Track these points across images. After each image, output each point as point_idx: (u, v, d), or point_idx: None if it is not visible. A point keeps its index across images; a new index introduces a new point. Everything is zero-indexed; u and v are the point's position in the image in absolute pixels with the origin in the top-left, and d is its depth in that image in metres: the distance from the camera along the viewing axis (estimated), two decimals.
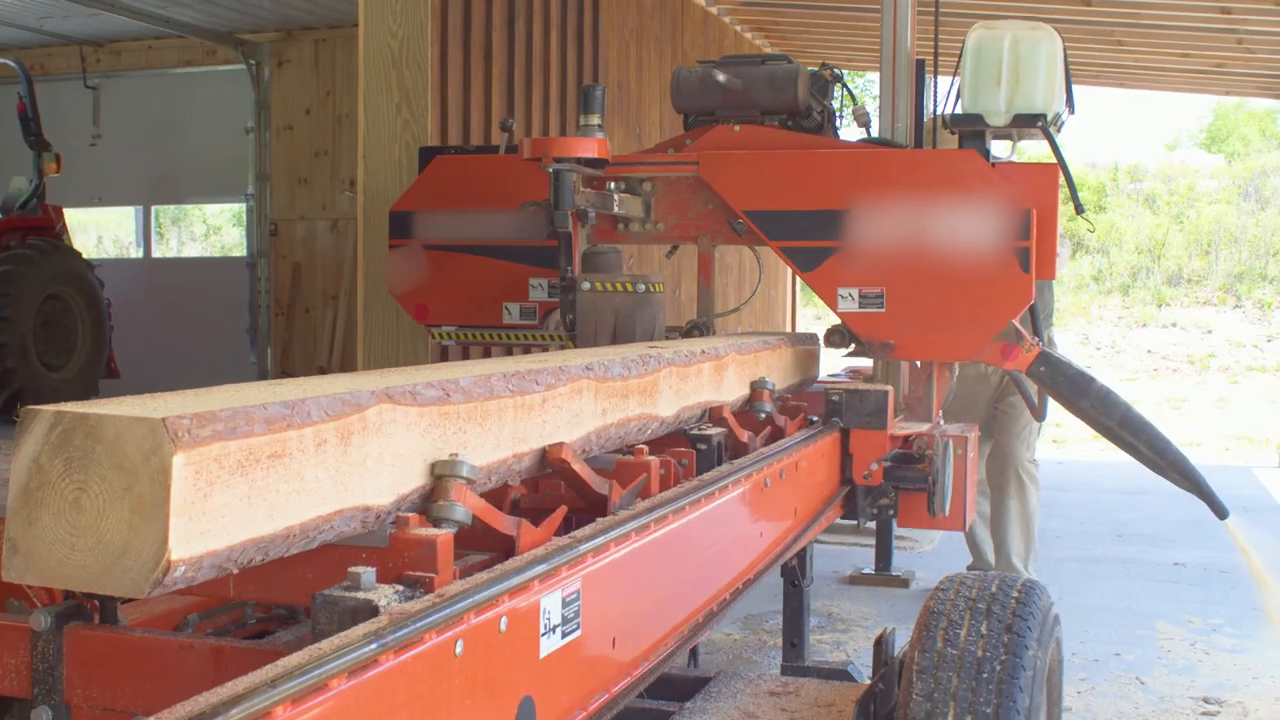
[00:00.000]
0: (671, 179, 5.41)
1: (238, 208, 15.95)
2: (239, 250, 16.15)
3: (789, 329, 14.92)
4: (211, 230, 31.84)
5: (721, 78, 5.42)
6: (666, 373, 3.65)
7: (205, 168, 15.63)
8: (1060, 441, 14.02)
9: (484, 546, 2.60)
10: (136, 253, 17.18)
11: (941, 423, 5.38)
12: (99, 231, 26.16)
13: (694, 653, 3.93)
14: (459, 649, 2.03)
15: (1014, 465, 7.13)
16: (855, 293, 4.95)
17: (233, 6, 13.81)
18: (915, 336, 4.94)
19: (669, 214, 5.47)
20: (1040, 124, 4.89)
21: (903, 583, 7.51)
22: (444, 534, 2.26)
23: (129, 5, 13.44)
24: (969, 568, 7.15)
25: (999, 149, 5.18)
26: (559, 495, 3.11)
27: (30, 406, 1.86)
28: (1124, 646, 6.39)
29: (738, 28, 13.64)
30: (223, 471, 1.84)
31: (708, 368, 4.04)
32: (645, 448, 3.35)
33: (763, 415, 4.42)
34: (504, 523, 2.56)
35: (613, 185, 5.29)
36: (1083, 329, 27.86)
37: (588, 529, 2.66)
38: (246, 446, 1.89)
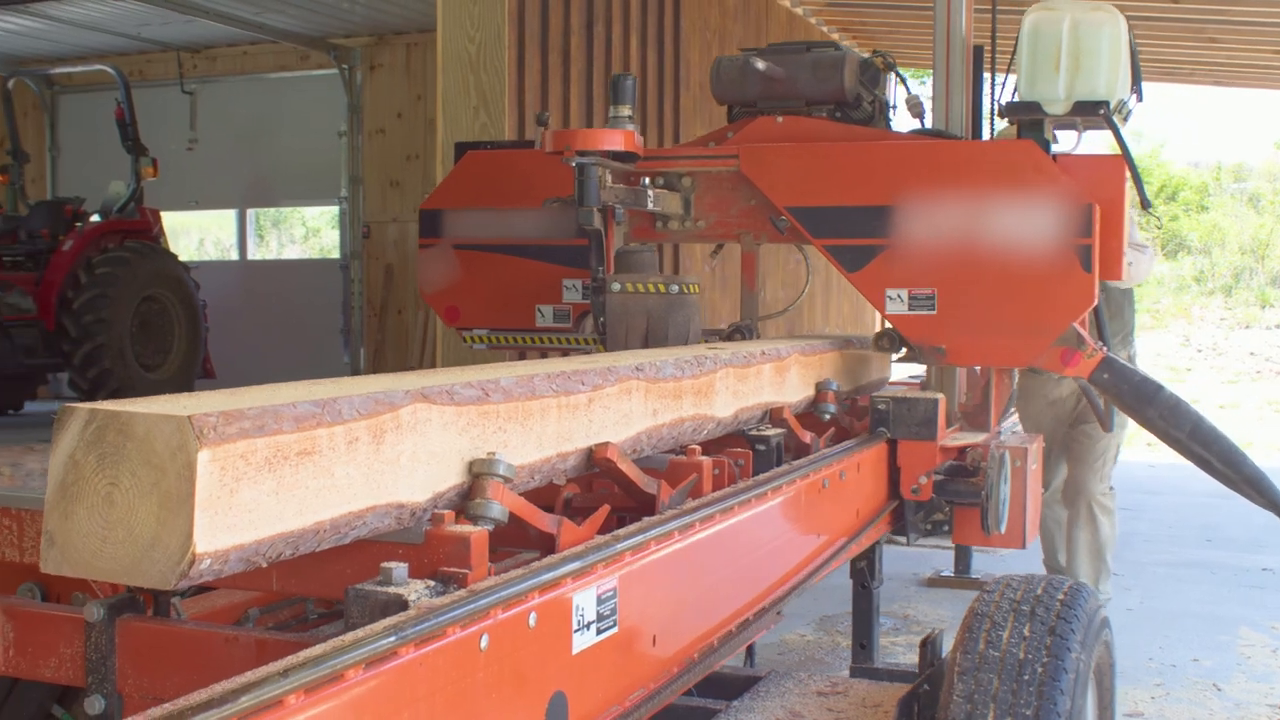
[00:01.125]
0: (711, 174, 5.19)
1: (335, 210, 16.15)
2: (336, 252, 16.35)
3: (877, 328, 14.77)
4: (310, 233, 32.27)
5: (761, 66, 5.11)
6: (723, 373, 3.67)
7: (299, 171, 15.86)
8: (1154, 445, 13.82)
9: (527, 544, 2.64)
10: (237, 255, 17.48)
11: (1002, 433, 5.10)
12: (202, 234, 26.61)
13: (750, 652, 3.94)
14: (484, 643, 2.06)
15: (1085, 497, 6.70)
16: (904, 294, 4.66)
17: (325, 12, 14.01)
18: (968, 341, 4.63)
19: (709, 211, 5.24)
20: (1102, 112, 4.58)
21: (981, 586, 7.46)
22: (478, 531, 2.29)
23: (224, 12, 13.68)
24: (1045, 563, 7.00)
25: (1066, 140, 4.91)
26: (611, 494, 3.14)
27: (68, 404, 1.93)
28: (1203, 652, 6.31)
29: (824, 28, 13.60)
30: (249, 468, 1.89)
31: (768, 369, 4.05)
32: (698, 448, 3.37)
33: (827, 417, 4.42)
34: (544, 521, 2.60)
35: (647, 181, 5.05)
36: (1184, 330, 27.45)
37: (628, 528, 2.69)
38: (274, 444, 1.94)
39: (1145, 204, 4.73)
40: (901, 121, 5.42)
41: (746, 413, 3.88)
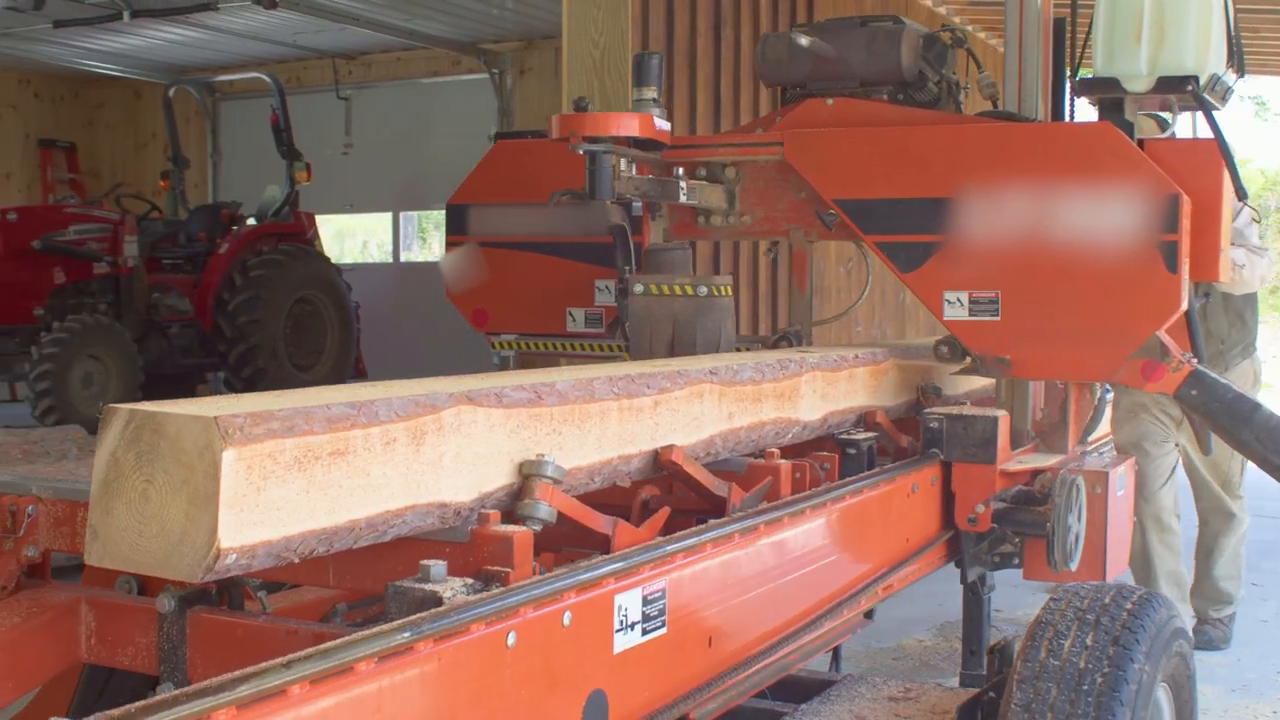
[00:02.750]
0: (758, 164, 4.67)
1: None
2: None
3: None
4: None
5: (805, 42, 4.59)
6: (809, 377, 3.67)
7: (451, 174, 15.95)
8: None
9: (585, 544, 2.68)
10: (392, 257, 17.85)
11: (1090, 455, 4.63)
12: (366, 236, 27.21)
13: (836, 655, 3.93)
14: (511, 640, 2.10)
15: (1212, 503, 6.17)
16: (964, 297, 4.13)
17: (475, 17, 14.24)
18: (1036, 351, 4.08)
19: (756, 205, 4.73)
20: (1190, 88, 4.04)
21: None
22: (521, 531, 2.34)
23: (377, 19, 13.98)
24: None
25: (1182, 126, 4.45)
26: (689, 496, 3.17)
27: (111, 405, 2.02)
28: None
29: (969, 27, 13.41)
30: (278, 467, 1.96)
31: (862, 372, 4.04)
32: (777, 451, 3.38)
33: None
34: (599, 522, 2.64)
35: (680, 171, 4.56)
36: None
37: (684, 532, 2.71)
38: (305, 444, 2.01)
39: (1241, 194, 4.17)
40: (975, 105, 4.91)
41: (837, 416, 3.87)
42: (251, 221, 13.10)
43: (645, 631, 2.47)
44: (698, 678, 2.65)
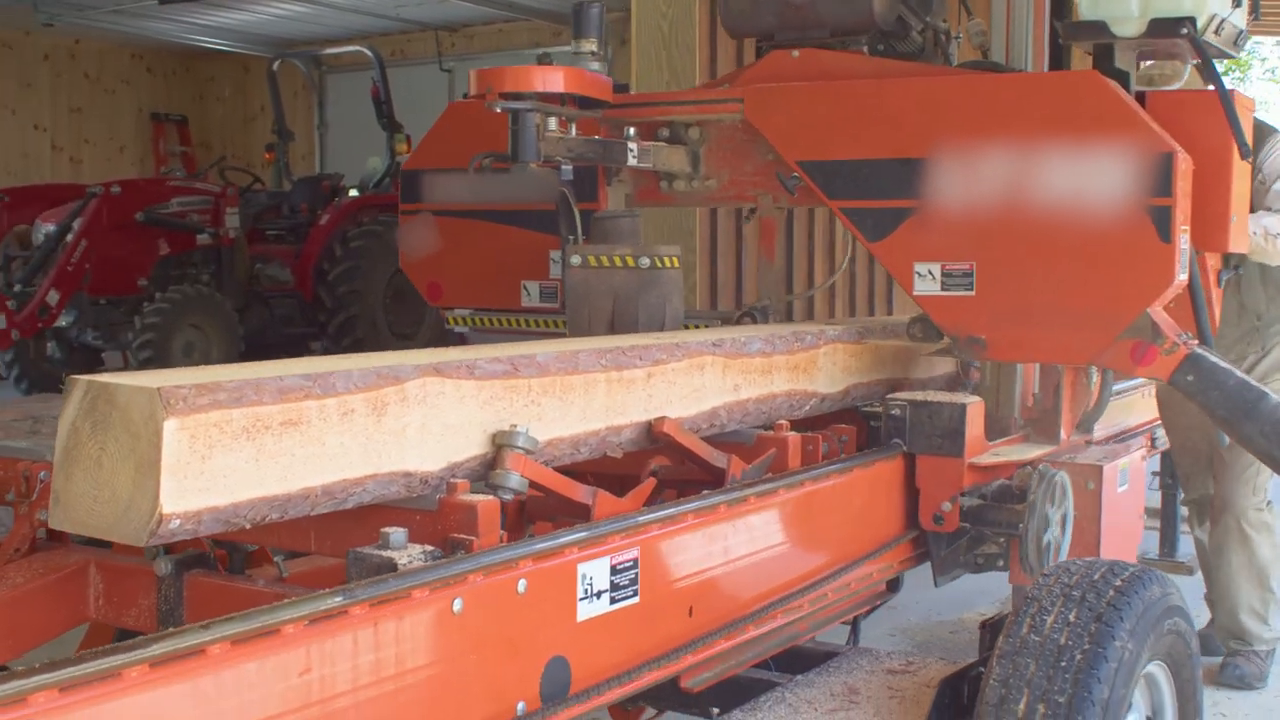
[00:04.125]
0: (722, 124, 4.25)
1: None
2: None
3: None
4: None
5: None
6: (829, 349, 3.68)
7: None
8: None
9: (570, 513, 2.74)
10: None
11: (1093, 448, 4.14)
12: None
13: (855, 626, 3.92)
14: (457, 606, 2.16)
15: (1233, 514, 5.14)
16: (936, 269, 3.69)
17: None
18: (1013, 330, 3.66)
19: (722, 167, 4.32)
20: (1186, 31, 3.59)
21: (1187, 570, 7.16)
22: (486, 500, 2.40)
23: None
24: (1206, 598, 5.49)
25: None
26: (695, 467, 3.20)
27: (72, 375, 2.11)
28: None
29: None
30: (224, 436, 2.04)
31: (890, 346, 4.04)
32: (786, 424, 3.39)
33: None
34: (578, 492, 2.69)
35: (631, 131, 4.12)
36: None
37: (662, 504, 2.75)
38: (253, 414, 2.08)
39: (1244, 152, 3.69)
40: (969, 57, 4.38)
41: (862, 389, 3.87)
42: (353, 193, 13.29)
43: (614, 600, 2.52)
44: (670, 645, 2.68)
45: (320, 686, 1.95)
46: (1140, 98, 3.71)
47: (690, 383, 3.12)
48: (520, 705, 2.31)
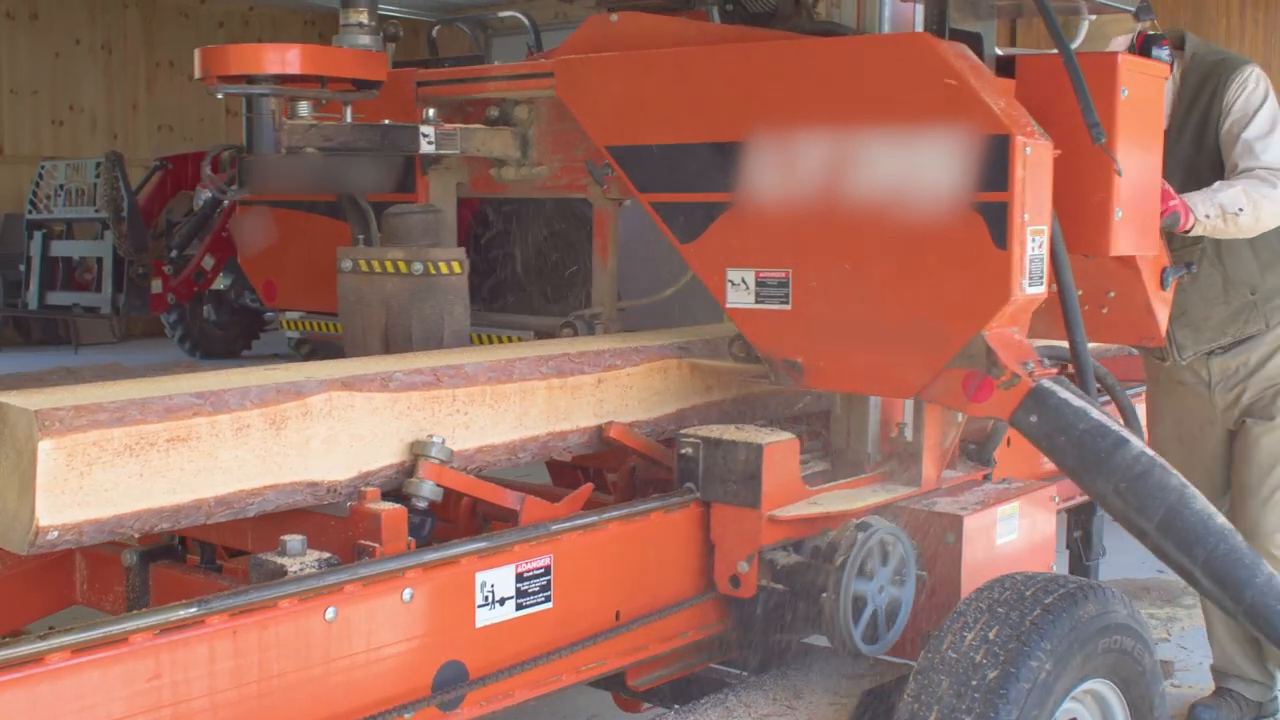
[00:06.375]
0: (552, 101, 3.60)
1: None
2: None
3: None
4: None
5: None
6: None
7: None
8: None
9: (501, 519, 2.86)
10: None
11: (972, 487, 3.40)
12: None
13: None
14: (330, 615, 2.29)
15: (1261, 544, 3.95)
16: (750, 277, 3.08)
17: None
18: (831, 354, 3.03)
19: (553, 152, 3.72)
20: None
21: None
22: (391, 509, 2.53)
23: None
24: (1212, 668, 4.41)
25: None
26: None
27: None
28: None
29: None
30: (104, 454, 2.20)
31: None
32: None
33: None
34: (506, 498, 2.80)
35: (430, 114, 3.57)
36: None
37: (586, 510, 2.84)
38: (137, 433, 2.24)
39: (1093, 133, 2.93)
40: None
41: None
42: None
43: (521, 606, 2.62)
44: (591, 650, 2.78)
45: (172, 692, 2.09)
46: (1008, 64, 3.17)
47: (651, 385, 3.20)
48: (409, 713, 2.42)
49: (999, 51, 3.27)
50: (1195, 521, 2.74)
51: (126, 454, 2.23)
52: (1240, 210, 3.60)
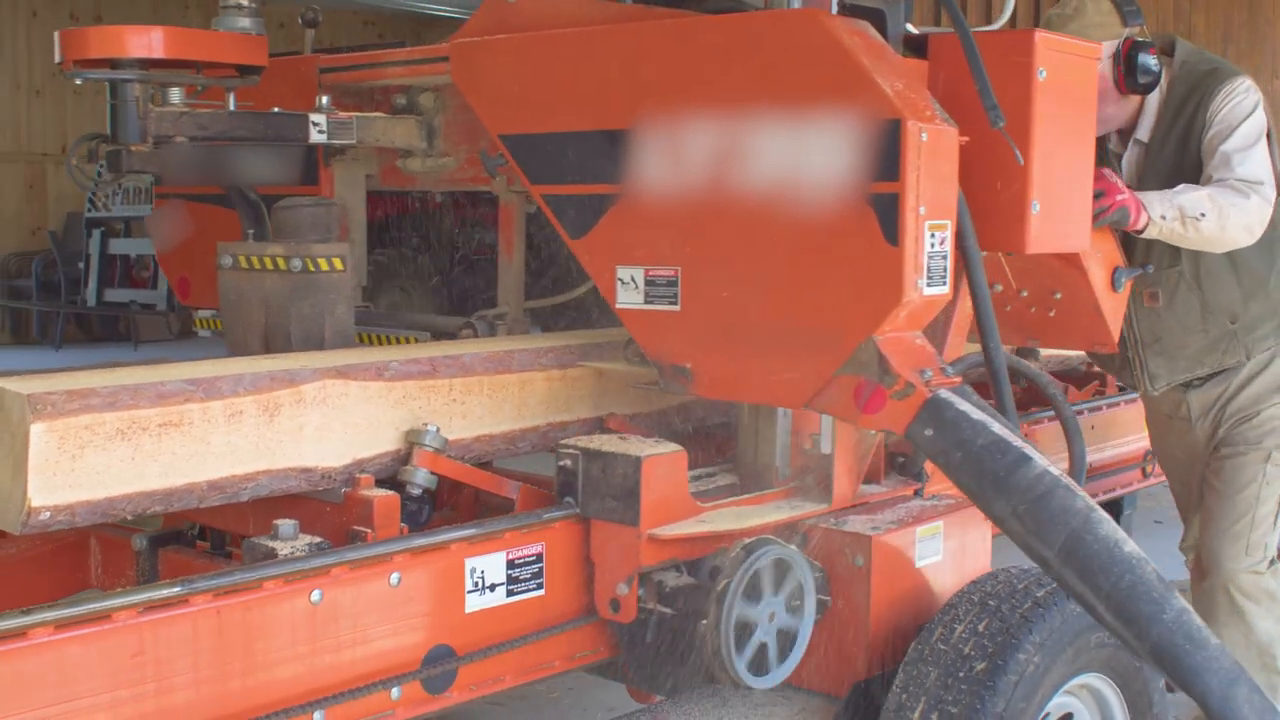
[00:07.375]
0: (445, 88, 3.49)
1: None
2: None
3: None
4: None
5: None
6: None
7: None
8: None
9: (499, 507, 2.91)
10: None
11: (896, 504, 3.13)
12: None
13: None
14: (316, 598, 2.34)
15: (1220, 577, 3.77)
16: (639, 275, 2.89)
17: None
18: (721, 359, 2.84)
19: (460, 142, 3.57)
20: None
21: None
22: (383, 495, 2.59)
23: None
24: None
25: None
26: None
27: None
28: None
29: None
30: (96, 437, 2.26)
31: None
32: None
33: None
34: (503, 487, 2.85)
35: (325, 101, 3.42)
36: None
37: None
38: (129, 417, 2.31)
39: (991, 116, 2.74)
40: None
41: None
42: None
43: (511, 593, 2.66)
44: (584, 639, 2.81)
45: (155, 669, 2.15)
46: (919, 43, 3.00)
47: None
48: (395, 690, 2.47)
49: (913, 30, 3.08)
50: (1100, 549, 2.43)
51: (119, 438, 2.29)
52: (1202, 215, 3.40)
